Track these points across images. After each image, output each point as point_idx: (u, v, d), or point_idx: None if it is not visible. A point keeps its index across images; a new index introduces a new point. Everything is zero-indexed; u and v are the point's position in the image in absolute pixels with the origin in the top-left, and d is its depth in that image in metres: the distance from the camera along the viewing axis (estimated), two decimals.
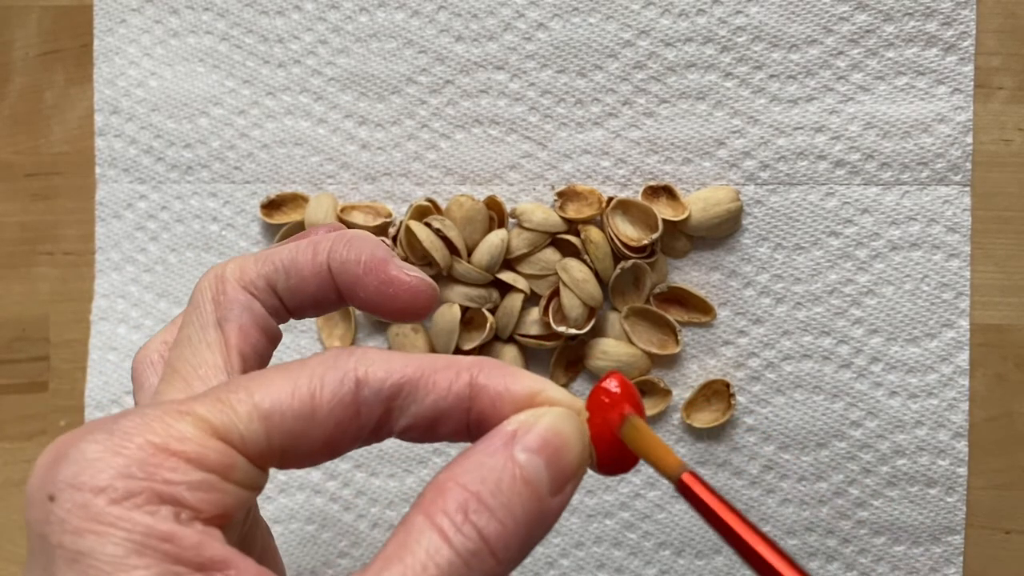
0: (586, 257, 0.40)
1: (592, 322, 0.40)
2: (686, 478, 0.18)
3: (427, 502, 0.18)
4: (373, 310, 0.23)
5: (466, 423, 0.20)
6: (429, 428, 0.20)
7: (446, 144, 0.42)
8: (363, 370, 0.19)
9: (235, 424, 0.18)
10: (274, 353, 0.25)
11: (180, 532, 0.17)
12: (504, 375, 0.20)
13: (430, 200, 0.41)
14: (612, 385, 0.20)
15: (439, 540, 0.17)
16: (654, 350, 0.41)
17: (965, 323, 0.40)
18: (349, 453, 0.43)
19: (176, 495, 0.17)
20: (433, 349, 0.42)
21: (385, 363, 0.19)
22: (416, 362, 0.20)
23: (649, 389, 0.41)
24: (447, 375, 0.20)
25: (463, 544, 0.17)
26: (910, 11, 0.40)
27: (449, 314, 0.40)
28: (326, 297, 0.23)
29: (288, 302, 0.23)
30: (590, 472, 0.20)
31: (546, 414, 0.19)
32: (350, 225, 0.42)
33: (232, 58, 0.43)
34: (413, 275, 0.23)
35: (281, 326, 0.24)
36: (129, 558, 0.16)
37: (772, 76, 0.40)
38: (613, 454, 0.20)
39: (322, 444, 0.19)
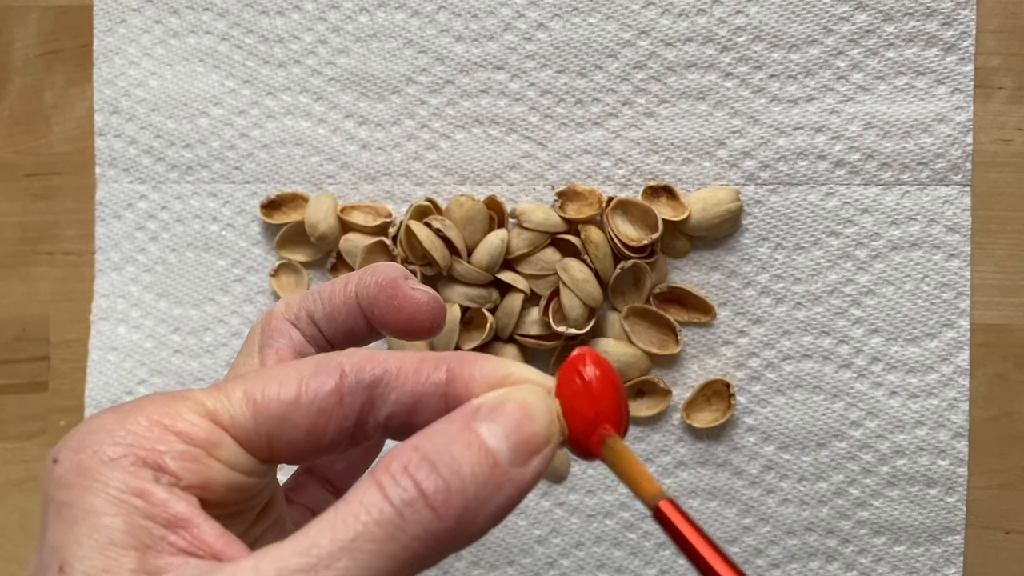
0: (586, 257, 0.40)
1: (592, 322, 0.40)
2: (663, 506, 0.18)
3: (379, 465, 0.18)
4: (387, 327, 0.24)
5: (444, 411, 0.20)
6: (409, 417, 0.21)
7: (446, 144, 0.42)
8: (348, 364, 0.21)
9: (226, 407, 0.20)
10: None
11: (151, 489, 0.19)
12: (478, 360, 0.21)
13: (430, 200, 0.41)
14: (590, 372, 0.20)
15: (376, 491, 0.18)
16: (654, 350, 0.41)
17: (965, 323, 0.40)
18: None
19: (159, 461, 0.19)
20: (433, 349, 0.42)
21: (370, 358, 0.21)
22: (398, 356, 0.21)
23: (649, 389, 0.41)
24: (425, 366, 0.21)
25: (398, 495, 0.18)
26: (910, 11, 0.40)
27: (449, 314, 0.40)
28: (356, 325, 0.25)
29: (325, 331, 0.25)
30: (591, 472, 0.20)
31: (513, 390, 0.20)
32: (350, 226, 0.42)
33: (232, 58, 0.43)
34: (419, 290, 0.24)
35: None
36: (106, 508, 0.18)
37: (772, 76, 0.40)
38: (579, 434, 0.20)
39: (306, 430, 0.20)
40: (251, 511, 0.23)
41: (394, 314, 0.24)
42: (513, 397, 0.19)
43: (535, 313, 0.41)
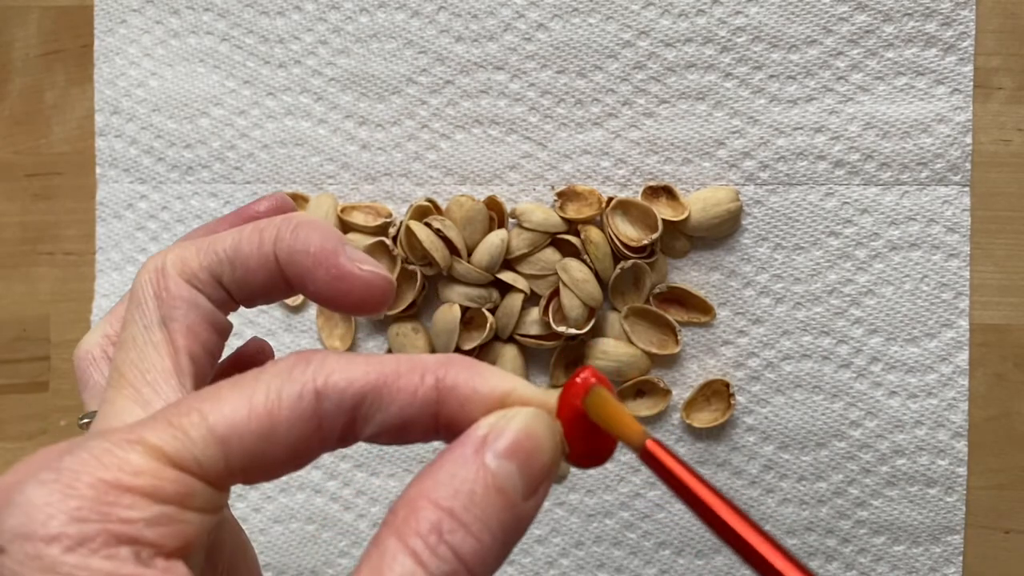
0: (586, 257, 0.40)
1: (592, 322, 0.40)
2: (649, 445, 0.18)
3: (399, 521, 0.17)
4: (325, 303, 0.21)
5: (434, 427, 0.19)
6: (396, 434, 0.19)
7: (446, 144, 0.42)
8: (322, 380, 0.18)
9: (189, 450, 0.17)
10: (273, 352, 0.25)
11: (142, 572, 0.16)
12: (472, 375, 0.19)
13: (430, 200, 0.41)
14: (587, 379, 0.19)
15: (413, 564, 0.17)
16: (654, 350, 0.41)
17: (964, 323, 0.40)
18: (349, 453, 0.43)
19: (134, 534, 0.16)
20: (433, 349, 0.42)
21: (345, 370, 0.18)
22: (378, 367, 0.18)
23: (649, 389, 0.41)
24: (411, 379, 0.18)
25: (438, 567, 0.17)
26: (909, 11, 0.40)
27: (449, 314, 0.40)
28: (275, 287, 0.21)
29: (236, 294, 0.22)
30: (591, 472, 0.20)
31: (517, 415, 0.18)
32: (351, 226, 0.42)
33: (233, 59, 0.43)
34: (367, 268, 0.21)
35: (281, 327, 0.23)
36: None
37: (772, 76, 0.41)
38: (586, 446, 0.19)
39: (284, 461, 0.18)
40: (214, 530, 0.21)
41: (340, 296, 0.21)
42: (518, 425, 0.18)
43: (535, 313, 0.41)
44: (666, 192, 0.41)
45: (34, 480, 0.16)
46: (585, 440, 0.19)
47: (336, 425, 0.18)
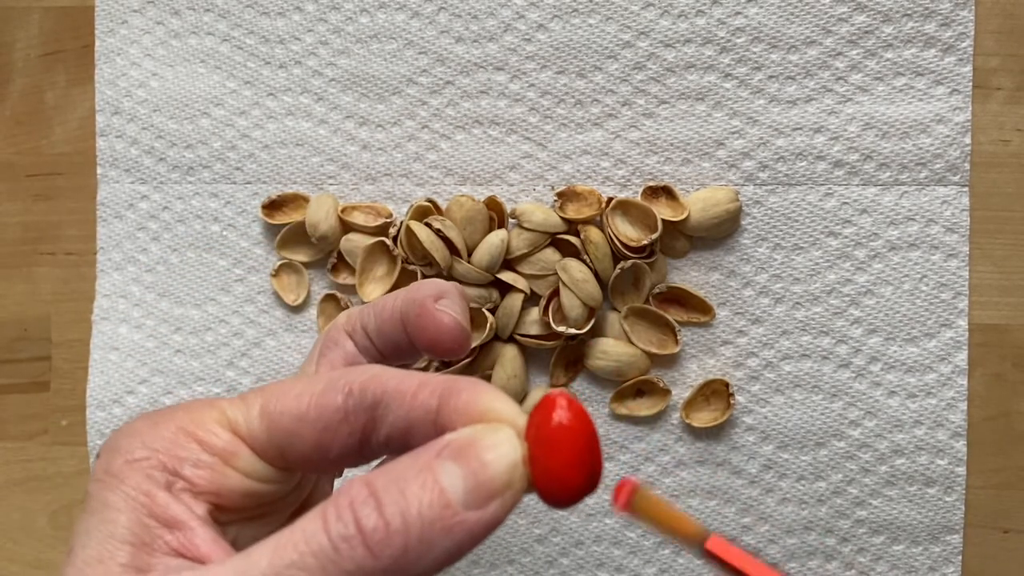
0: (586, 257, 0.40)
1: (592, 322, 0.40)
2: (711, 545, 0.18)
3: (333, 494, 0.19)
4: (418, 344, 0.25)
5: (436, 436, 0.20)
6: (404, 440, 0.21)
7: (446, 145, 0.42)
8: (357, 383, 0.21)
9: (245, 418, 0.21)
10: (272, 350, 0.25)
11: (156, 492, 0.20)
12: (469, 392, 0.20)
13: (430, 200, 0.41)
14: (559, 416, 0.19)
15: (318, 523, 0.18)
16: (653, 350, 0.41)
17: (964, 323, 0.40)
18: None
19: (177, 468, 0.21)
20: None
21: (377, 378, 0.21)
22: (401, 377, 0.21)
23: (649, 389, 0.41)
24: (424, 390, 0.21)
25: (337, 529, 0.18)
26: (909, 12, 0.40)
27: None
28: (401, 339, 0.26)
29: (377, 343, 0.26)
30: None
31: (483, 429, 0.19)
32: (351, 226, 0.42)
33: (233, 59, 0.43)
34: (445, 313, 0.25)
35: (282, 327, 0.25)
36: (117, 504, 0.20)
37: (771, 77, 0.41)
38: (550, 476, 0.19)
39: (313, 444, 0.21)
40: (279, 514, 0.23)
41: (420, 333, 0.25)
42: (480, 438, 0.19)
43: (535, 313, 0.41)
44: (666, 192, 0.41)
45: (143, 417, 0.22)
46: (550, 469, 0.19)
47: (359, 421, 0.21)
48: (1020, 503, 0.41)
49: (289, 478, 0.22)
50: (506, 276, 0.41)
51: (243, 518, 0.22)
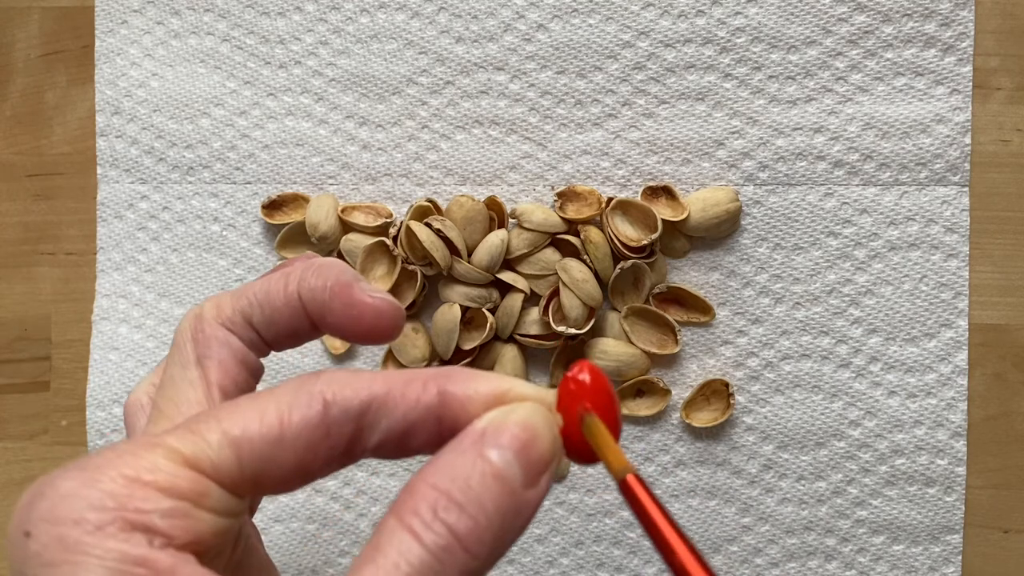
0: (586, 257, 0.40)
1: (592, 322, 0.40)
2: (629, 479, 0.19)
3: (399, 504, 0.18)
4: (341, 334, 0.23)
5: (438, 433, 0.20)
6: (401, 442, 0.20)
7: (446, 145, 0.42)
8: (330, 392, 0.19)
9: (205, 452, 0.19)
10: (279, 360, 0.25)
11: (154, 555, 0.17)
12: (471, 379, 0.20)
13: (430, 200, 0.41)
14: (584, 376, 0.20)
15: (410, 539, 0.18)
16: (653, 350, 0.41)
17: (964, 323, 0.40)
18: None
19: (148, 523, 0.17)
20: (433, 349, 0.42)
21: (352, 383, 0.20)
22: (383, 379, 0.20)
23: (648, 389, 0.41)
24: (415, 387, 0.20)
25: (434, 541, 0.18)
26: (909, 12, 0.40)
27: (449, 314, 0.41)
28: (300, 326, 0.23)
29: (265, 334, 0.23)
30: (591, 471, 0.20)
31: (516, 409, 0.19)
32: (351, 226, 0.42)
33: (233, 59, 0.43)
34: (377, 296, 0.23)
35: None
36: None
37: (771, 77, 0.41)
38: (580, 444, 0.20)
39: (294, 467, 0.19)
40: (232, 542, 0.22)
41: (353, 323, 0.23)
42: (516, 418, 0.19)
43: (535, 313, 0.41)
44: (666, 192, 0.41)
45: (63, 475, 0.18)
46: (579, 437, 0.20)
47: (344, 432, 0.19)
48: (1020, 503, 0.41)
49: (249, 501, 0.20)
50: (506, 276, 0.41)
51: (210, 561, 0.19)
